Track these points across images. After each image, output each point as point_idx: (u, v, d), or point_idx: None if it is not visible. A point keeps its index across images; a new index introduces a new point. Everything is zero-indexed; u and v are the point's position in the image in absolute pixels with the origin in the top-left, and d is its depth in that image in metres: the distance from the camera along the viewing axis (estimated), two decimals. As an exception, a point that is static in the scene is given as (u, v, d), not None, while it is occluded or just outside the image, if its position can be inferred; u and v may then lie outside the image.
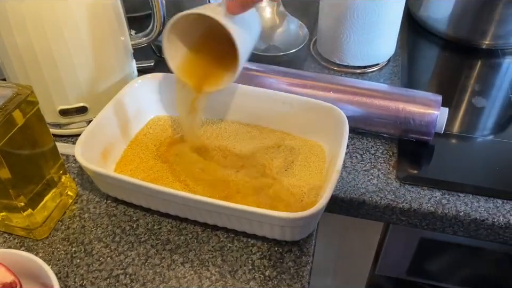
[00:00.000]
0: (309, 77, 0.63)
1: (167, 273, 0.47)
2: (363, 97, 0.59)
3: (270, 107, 0.59)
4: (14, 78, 0.57)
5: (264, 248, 0.49)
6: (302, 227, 0.47)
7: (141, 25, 0.67)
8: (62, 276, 0.47)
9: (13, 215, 0.48)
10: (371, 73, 0.74)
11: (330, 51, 0.74)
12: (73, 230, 0.51)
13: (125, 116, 0.58)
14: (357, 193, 0.55)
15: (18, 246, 0.50)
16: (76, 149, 0.50)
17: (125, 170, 0.55)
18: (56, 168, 0.51)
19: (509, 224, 0.52)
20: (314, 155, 0.56)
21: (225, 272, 0.47)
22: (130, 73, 0.64)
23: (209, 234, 0.50)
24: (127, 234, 0.50)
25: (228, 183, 0.53)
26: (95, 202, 0.54)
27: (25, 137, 0.46)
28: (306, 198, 0.51)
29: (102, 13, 0.56)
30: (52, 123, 0.60)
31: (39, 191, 0.49)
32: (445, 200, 0.54)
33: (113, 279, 0.46)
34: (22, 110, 0.44)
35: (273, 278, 0.46)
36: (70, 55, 0.55)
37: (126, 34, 0.62)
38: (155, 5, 0.61)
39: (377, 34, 0.69)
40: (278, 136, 0.59)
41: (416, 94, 0.59)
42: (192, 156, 0.56)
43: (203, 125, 0.61)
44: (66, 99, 0.59)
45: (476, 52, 0.79)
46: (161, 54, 0.76)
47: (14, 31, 0.52)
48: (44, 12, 0.52)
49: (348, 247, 0.68)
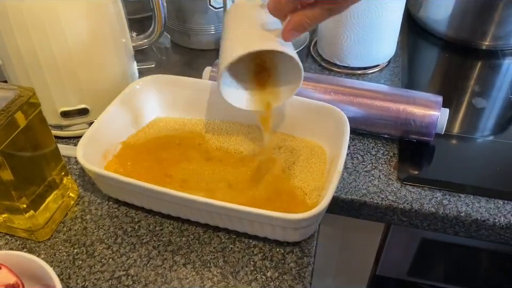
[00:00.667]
0: (309, 78, 0.63)
1: (169, 275, 0.47)
2: (364, 99, 0.59)
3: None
4: (16, 80, 0.57)
5: (266, 249, 0.49)
6: (303, 228, 0.47)
7: (141, 27, 0.67)
8: (64, 277, 0.47)
9: (15, 216, 0.49)
10: (371, 74, 0.74)
11: (330, 52, 0.74)
12: (75, 231, 0.51)
13: (126, 117, 0.58)
14: (358, 194, 0.55)
15: (20, 247, 0.50)
16: (77, 151, 0.50)
17: (126, 172, 0.55)
18: (58, 170, 0.51)
19: (509, 224, 0.52)
20: (315, 156, 0.56)
21: (227, 273, 0.47)
22: (131, 74, 0.64)
23: (211, 235, 0.50)
24: (129, 236, 0.51)
25: (229, 184, 0.53)
26: (96, 203, 0.54)
27: (27, 139, 0.46)
28: (308, 199, 0.51)
29: (103, 15, 0.56)
30: (53, 125, 0.60)
31: (41, 192, 0.49)
32: (445, 201, 0.54)
33: (115, 280, 0.47)
34: (24, 112, 0.44)
35: (275, 279, 0.46)
36: (71, 57, 0.55)
37: (127, 36, 0.62)
38: (156, 6, 0.61)
39: (377, 36, 0.69)
40: (279, 138, 0.59)
41: (417, 95, 0.59)
42: (193, 157, 0.57)
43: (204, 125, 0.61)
44: (68, 101, 0.59)
45: (476, 53, 0.79)
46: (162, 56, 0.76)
47: (16, 33, 0.53)
48: (45, 14, 0.52)
49: (349, 248, 0.68)
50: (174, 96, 0.62)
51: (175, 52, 0.79)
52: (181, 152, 0.57)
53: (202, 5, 0.74)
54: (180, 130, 0.61)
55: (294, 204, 0.51)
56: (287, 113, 0.58)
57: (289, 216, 0.44)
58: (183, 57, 0.78)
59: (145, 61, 0.70)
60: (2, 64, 0.58)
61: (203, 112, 0.62)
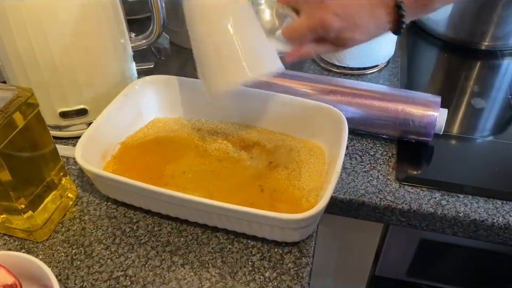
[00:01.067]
0: (308, 79, 0.63)
1: (167, 275, 0.47)
2: (362, 99, 0.59)
3: (269, 109, 0.59)
4: (14, 81, 0.57)
5: (264, 250, 0.49)
6: (302, 228, 0.47)
7: (140, 27, 0.67)
8: (63, 277, 0.47)
9: (14, 217, 0.48)
10: (370, 74, 0.74)
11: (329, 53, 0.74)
12: (73, 232, 0.51)
13: (124, 117, 0.58)
14: (357, 194, 0.55)
15: (19, 248, 0.50)
16: (76, 151, 0.50)
17: (124, 172, 0.55)
18: (57, 170, 0.51)
19: (508, 225, 0.52)
20: (314, 156, 0.56)
21: (225, 274, 0.47)
22: (130, 75, 0.64)
23: (209, 236, 0.50)
24: (127, 236, 0.51)
25: (227, 184, 0.53)
26: (95, 204, 0.54)
27: (26, 139, 0.46)
28: (306, 199, 0.51)
29: (102, 15, 0.56)
30: (52, 125, 0.60)
31: (40, 193, 0.49)
32: (444, 201, 0.54)
33: (114, 281, 0.46)
34: (22, 112, 0.44)
35: (273, 279, 0.46)
36: (69, 57, 0.55)
37: (126, 37, 0.62)
38: (154, 7, 0.61)
39: (376, 36, 0.69)
40: (278, 138, 0.59)
41: (416, 95, 0.59)
42: (191, 157, 0.57)
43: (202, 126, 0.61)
44: (66, 101, 0.59)
45: (475, 53, 0.79)
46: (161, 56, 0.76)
47: (14, 33, 0.53)
48: (44, 15, 0.52)
49: (347, 248, 0.68)
50: (173, 96, 0.62)
51: (173, 53, 0.79)
52: (180, 152, 0.57)
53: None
54: (179, 131, 0.61)
55: (293, 204, 0.51)
56: (286, 113, 0.58)
57: (287, 216, 0.44)
58: (181, 58, 0.78)
59: (144, 61, 0.70)
60: (1, 65, 0.58)
61: (202, 113, 0.62)
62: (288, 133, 0.60)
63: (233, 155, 0.57)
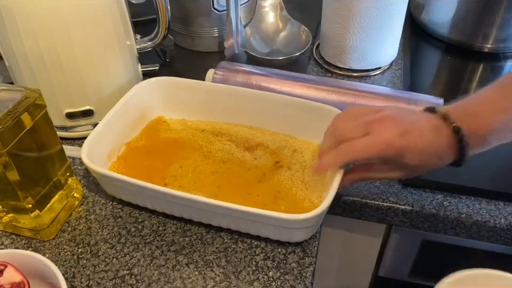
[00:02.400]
0: (311, 80, 0.63)
1: (172, 274, 0.47)
2: (366, 100, 0.60)
3: (273, 110, 0.59)
4: (22, 82, 0.58)
5: (268, 249, 0.49)
6: (305, 228, 0.47)
7: (145, 29, 0.68)
8: (69, 276, 0.47)
9: (21, 216, 0.49)
10: (374, 76, 0.74)
11: (333, 55, 0.74)
12: (79, 231, 0.52)
13: (130, 118, 0.59)
14: (360, 195, 0.55)
15: (26, 247, 0.51)
16: (82, 151, 0.50)
17: (130, 172, 0.55)
18: (63, 170, 0.52)
19: (510, 226, 0.52)
20: (317, 157, 0.57)
21: (229, 273, 0.47)
22: (135, 76, 0.65)
23: (213, 235, 0.51)
24: (132, 236, 0.51)
25: (231, 184, 0.54)
26: (101, 204, 0.55)
27: (33, 139, 0.47)
28: (309, 200, 0.52)
29: (108, 17, 0.57)
30: (58, 126, 0.61)
31: (46, 193, 0.50)
32: (446, 202, 0.54)
33: (119, 279, 0.47)
34: (30, 113, 0.45)
35: (276, 279, 0.47)
36: (76, 59, 0.56)
37: (132, 39, 0.62)
38: (160, 9, 0.62)
39: (379, 38, 0.70)
40: (281, 139, 0.60)
41: (418, 97, 0.60)
42: (196, 158, 0.57)
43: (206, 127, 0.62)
44: (73, 102, 0.60)
45: (477, 56, 0.79)
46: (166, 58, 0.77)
47: (22, 35, 0.53)
48: (51, 17, 0.53)
49: (350, 249, 0.69)
50: (178, 98, 0.62)
51: (178, 54, 0.79)
52: (184, 153, 0.58)
53: (206, 8, 0.74)
54: (183, 132, 0.61)
55: (296, 205, 0.51)
56: (289, 114, 0.59)
57: (291, 216, 0.44)
58: (186, 60, 0.79)
59: (149, 63, 0.71)
60: (9, 66, 0.59)
61: (206, 114, 0.63)
62: (291, 134, 0.60)
63: (237, 156, 0.57)
